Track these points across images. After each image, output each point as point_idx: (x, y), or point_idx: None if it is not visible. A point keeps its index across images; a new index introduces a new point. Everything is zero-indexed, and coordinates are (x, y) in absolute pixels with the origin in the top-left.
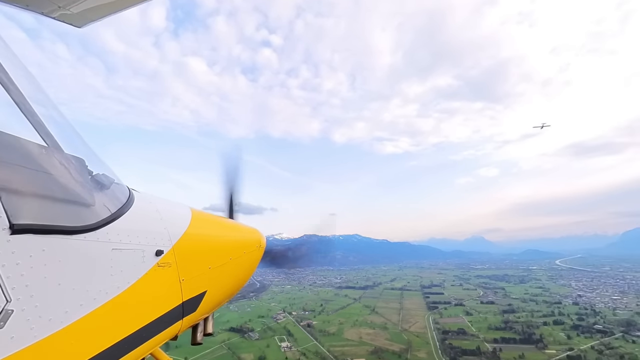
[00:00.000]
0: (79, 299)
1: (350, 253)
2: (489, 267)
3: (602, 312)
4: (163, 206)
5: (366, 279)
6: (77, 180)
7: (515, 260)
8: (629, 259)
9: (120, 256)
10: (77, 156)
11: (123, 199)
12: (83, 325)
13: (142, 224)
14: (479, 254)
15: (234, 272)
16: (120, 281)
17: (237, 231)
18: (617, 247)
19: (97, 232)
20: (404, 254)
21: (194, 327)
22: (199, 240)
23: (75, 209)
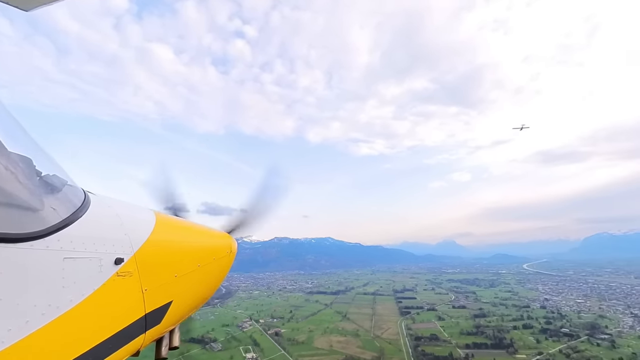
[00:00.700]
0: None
1: (323, 257)
2: (460, 271)
3: (568, 315)
4: (123, 210)
5: (338, 283)
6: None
7: (485, 264)
8: (591, 264)
9: (74, 266)
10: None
11: (77, 203)
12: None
13: (99, 229)
14: (450, 258)
15: (203, 280)
16: (74, 294)
17: (206, 236)
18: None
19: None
20: (377, 258)
21: (158, 341)
22: (164, 247)
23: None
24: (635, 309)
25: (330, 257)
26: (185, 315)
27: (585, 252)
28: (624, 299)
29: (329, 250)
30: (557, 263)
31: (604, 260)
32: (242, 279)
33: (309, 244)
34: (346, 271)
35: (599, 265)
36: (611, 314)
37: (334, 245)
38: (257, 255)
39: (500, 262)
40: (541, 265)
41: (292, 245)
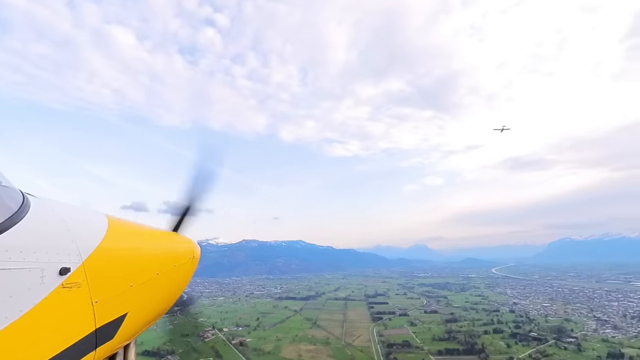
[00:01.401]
0: None
1: (293, 260)
2: (432, 276)
3: (536, 319)
4: (70, 214)
5: (309, 288)
6: None
7: (455, 268)
8: (555, 268)
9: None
10: None
11: (13, 207)
12: None
13: (40, 237)
14: (422, 262)
15: (162, 288)
16: (10, 309)
17: (166, 241)
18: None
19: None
20: (349, 262)
21: (111, 358)
22: (118, 254)
23: None
24: (598, 312)
25: (301, 261)
26: (143, 329)
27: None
28: (587, 302)
29: (299, 254)
30: (524, 267)
31: (567, 265)
32: (205, 285)
33: (279, 247)
34: (317, 275)
35: (563, 270)
36: (576, 318)
37: (305, 248)
38: (223, 258)
39: (470, 266)
40: (509, 269)
41: (261, 248)
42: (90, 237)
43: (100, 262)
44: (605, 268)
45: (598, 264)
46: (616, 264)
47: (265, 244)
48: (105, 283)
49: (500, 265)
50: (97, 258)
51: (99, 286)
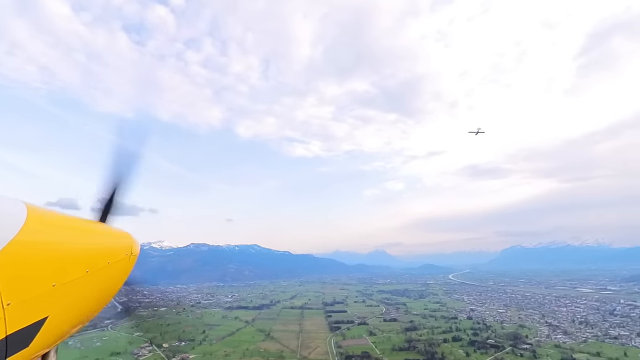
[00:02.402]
0: None
1: (247, 266)
2: (391, 282)
3: (492, 326)
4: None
5: (263, 296)
6: None
7: (414, 274)
8: (508, 274)
9: None
10: None
11: None
12: None
13: None
14: (381, 267)
15: (92, 288)
16: None
17: (100, 235)
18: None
19: None
20: (307, 268)
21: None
22: (38, 249)
23: None
24: (549, 318)
25: (255, 267)
26: (67, 334)
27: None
28: (538, 308)
29: (254, 259)
30: (479, 274)
31: (518, 271)
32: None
33: (232, 252)
34: (272, 282)
35: (515, 276)
36: (529, 324)
37: (260, 253)
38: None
39: (428, 273)
40: (465, 275)
41: (211, 252)
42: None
43: (15, 258)
44: (552, 274)
45: (546, 270)
46: (562, 270)
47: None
48: (21, 282)
49: (456, 271)
50: (12, 253)
51: (12, 286)
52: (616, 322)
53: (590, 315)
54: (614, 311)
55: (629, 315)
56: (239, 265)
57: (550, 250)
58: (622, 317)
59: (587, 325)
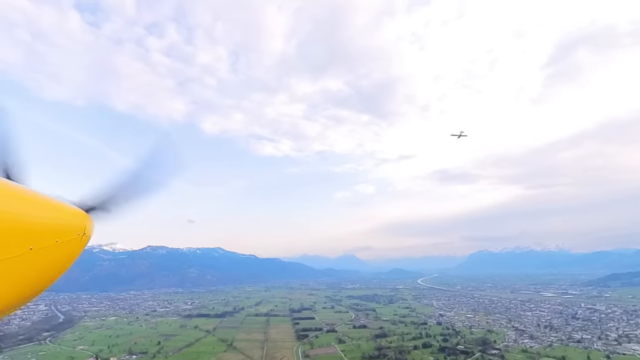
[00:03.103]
0: None
1: (209, 271)
2: (360, 287)
3: (461, 331)
4: None
5: (225, 303)
6: None
7: (383, 279)
8: (475, 279)
9: None
10: None
11: None
12: None
13: None
14: (350, 272)
15: (35, 268)
16: None
17: (49, 209)
18: (465, 268)
19: None
20: (274, 272)
21: None
22: None
23: None
24: (516, 322)
25: (218, 271)
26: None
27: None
28: (505, 312)
29: (217, 263)
30: (447, 278)
31: (485, 276)
32: (93, 301)
33: (193, 255)
34: (236, 288)
35: (481, 280)
36: (497, 328)
37: (224, 257)
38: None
39: (397, 277)
40: (433, 280)
41: (170, 256)
42: None
43: None
44: (517, 279)
45: (511, 275)
46: (526, 275)
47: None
48: None
49: (425, 276)
50: None
51: None
52: (578, 326)
53: (554, 319)
54: (576, 315)
55: (589, 319)
56: (201, 270)
57: (514, 255)
58: (583, 320)
59: (551, 329)
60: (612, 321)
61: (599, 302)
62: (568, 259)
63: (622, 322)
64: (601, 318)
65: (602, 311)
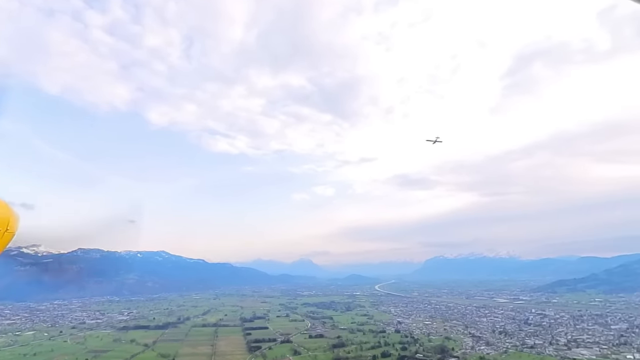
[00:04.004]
0: None
1: (151, 276)
2: (316, 294)
3: (420, 339)
4: None
5: (168, 312)
6: None
7: (340, 285)
8: (431, 285)
9: None
10: None
11: None
12: None
13: None
14: (306, 278)
15: None
16: None
17: None
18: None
19: None
20: (224, 278)
21: None
22: None
23: None
24: (472, 328)
25: (161, 277)
26: None
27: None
28: (461, 319)
29: (160, 268)
30: (404, 284)
31: (441, 282)
32: (6, 313)
33: (133, 259)
34: (182, 296)
35: (438, 286)
36: (454, 335)
37: (168, 261)
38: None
39: (355, 283)
40: (390, 286)
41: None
42: None
43: None
44: (471, 285)
45: (465, 280)
46: (479, 281)
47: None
48: None
49: (382, 281)
50: None
51: None
52: (531, 332)
53: (508, 325)
54: (528, 320)
55: (540, 325)
56: (141, 276)
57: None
58: (535, 326)
59: (506, 335)
60: (561, 326)
61: (547, 307)
62: (518, 265)
63: (569, 327)
64: (551, 323)
65: (551, 316)
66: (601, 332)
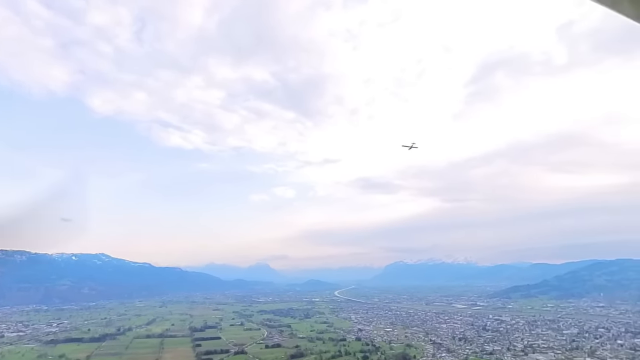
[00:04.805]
0: None
1: (87, 282)
2: (273, 300)
3: (381, 347)
4: None
5: (107, 323)
6: None
7: (299, 291)
8: (391, 290)
9: None
10: None
11: None
12: None
13: None
14: (262, 283)
15: None
16: None
17: None
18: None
19: None
20: (173, 284)
21: None
22: None
23: None
24: (433, 335)
25: (100, 283)
26: None
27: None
28: (422, 325)
29: (99, 273)
30: (364, 290)
31: (401, 287)
32: None
33: (66, 263)
34: (123, 303)
35: (398, 292)
36: (415, 342)
37: (109, 265)
38: None
39: (314, 289)
40: (350, 292)
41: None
42: None
43: None
44: (430, 290)
45: (424, 287)
46: (438, 286)
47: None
48: None
49: (342, 287)
50: None
51: None
52: (489, 337)
53: (467, 331)
54: (486, 326)
55: (498, 330)
56: (76, 282)
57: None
58: (492, 332)
59: (466, 342)
60: (517, 332)
61: (504, 313)
62: (475, 271)
63: (525, 333)
64: (507, 329)
65: (508, 322)
66: (554, 337)
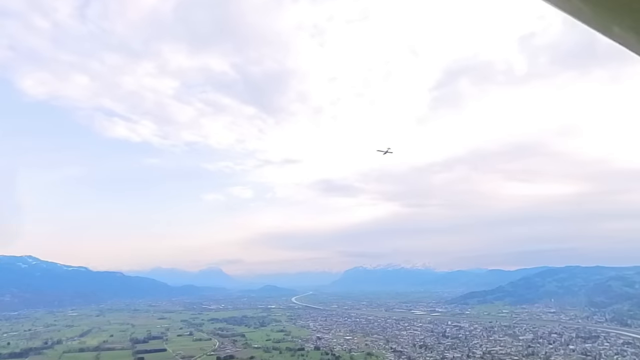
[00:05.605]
0: None
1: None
2: (226, 307)
3: (341, 356)
4: None
5: (32, 335)
6: None
7: (253, 297)
8: (350, 296)
9: None
10: None
11: None
12: None
13: None
14: (214, 289)
15: None
16: None
17: None
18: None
19: None
20: (113, 290)
21: None
22: None
23: None
24: (393, 343)
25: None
26: None
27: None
28: (382, 332)
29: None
30: (322, 296)
31: (360, 293)
32: None
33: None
34: (53, 313)
35: (357, 298)
36: (376, 350)
37: (36, 269)
38: None
39: (270, 295)
40: (308, 298)
41: None
42: None
43: None
44: (389, 296)
45: (384, 292)
46: (397, 292)
47: None
48: None
49: (300, 293)
50: None
51: None
52: (449, 344)
53: (427, 338)
54: (445, 333)
55: (457, 337)
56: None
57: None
58: (452, 338)
59: (426, 349)
60: (476, 338)
61: (462, 319)
62: (433, 277)
63: (483, 339)
64: (466, 335)
65: (466, 328)
66: (511, 343)
